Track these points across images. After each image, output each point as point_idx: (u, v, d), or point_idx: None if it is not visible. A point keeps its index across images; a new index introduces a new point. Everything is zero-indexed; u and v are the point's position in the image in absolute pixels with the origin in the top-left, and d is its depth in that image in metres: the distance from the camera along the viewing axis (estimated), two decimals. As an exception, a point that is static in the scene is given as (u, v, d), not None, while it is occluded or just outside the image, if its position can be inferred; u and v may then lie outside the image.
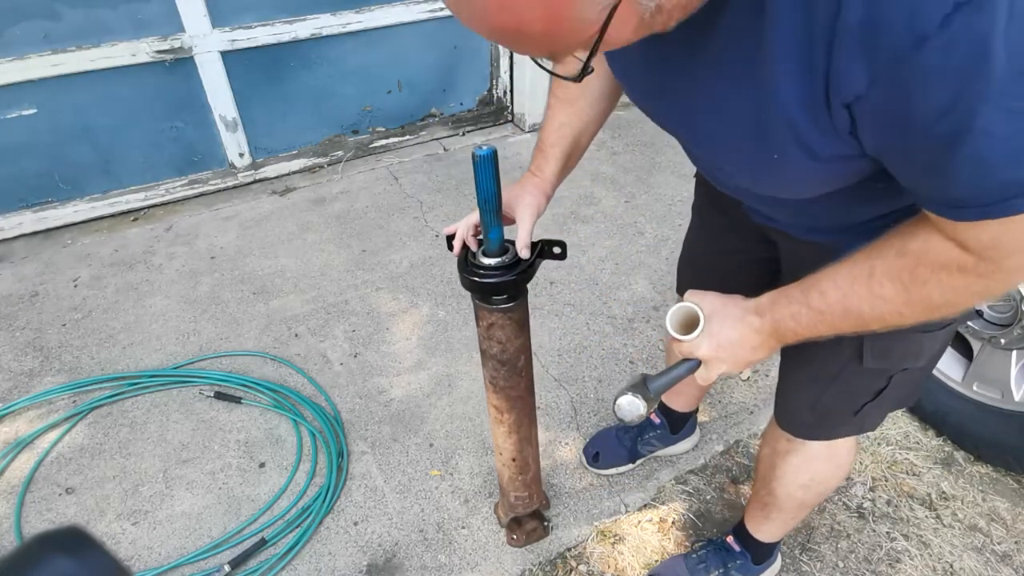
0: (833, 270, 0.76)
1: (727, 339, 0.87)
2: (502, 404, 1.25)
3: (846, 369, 0.99)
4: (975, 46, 0.48)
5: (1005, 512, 1.59)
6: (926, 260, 0.67)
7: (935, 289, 0.68)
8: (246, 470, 1.73)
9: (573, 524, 1.58)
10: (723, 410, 1.86)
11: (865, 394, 1.02)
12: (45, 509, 1.65)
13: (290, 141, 3.06)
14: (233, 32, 2.66)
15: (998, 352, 1.57)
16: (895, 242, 0.70)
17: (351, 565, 1.51)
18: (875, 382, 1.00)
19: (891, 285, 0.71)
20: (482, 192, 0.97)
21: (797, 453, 1.16)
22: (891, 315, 0.73)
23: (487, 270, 1.05)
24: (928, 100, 0.52)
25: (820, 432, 1.12)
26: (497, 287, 1.05)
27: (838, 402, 1.05)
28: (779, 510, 1.29)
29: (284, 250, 2.57)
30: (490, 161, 0.94)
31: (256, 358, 2.07)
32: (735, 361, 0.89)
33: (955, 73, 0.50)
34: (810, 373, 1.05)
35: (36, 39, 2.38)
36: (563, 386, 1.95)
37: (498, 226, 1.03)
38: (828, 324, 0.78)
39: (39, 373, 2.03)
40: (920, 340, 0.92)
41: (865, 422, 1.08)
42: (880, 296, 0.72)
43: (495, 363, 1.17)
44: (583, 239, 2.56)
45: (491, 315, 1.09)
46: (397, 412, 1.88)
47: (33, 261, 2.55)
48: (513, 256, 1.05)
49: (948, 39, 0.48)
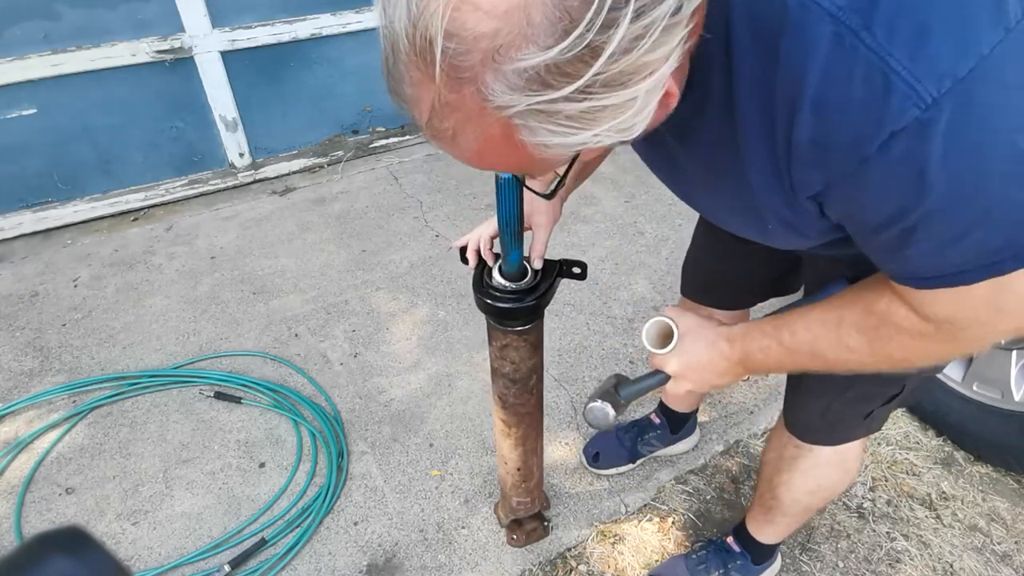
0: (806, 312, 0.80)
1: (696, 360, 0.91)
2: (510, 419, 1.23)
3: (862, 376, 0.97)
4: (912, 169, 0.52)
5: (1005, 512, 1.59)
6: (889, 322, 0.71)
7: (897, 348, 0.72)
8: (246, 470, 1.73)
9: (573, 524, 1.58)
10: (723, 410, 1.86)
11: (878, 399, 1.01)
12: (45, 509, 1.65)
13: (290, 141, 3.06)
14: (233, 32, 2.66)
15: (998, 352, 1.57)
16: (865, 297, 0.73)
17: (351, 565, 1.51)
18: (890, 388, 0.99)
19: (857, 337, 0.74)
20: (504, 214, 0.92)
21: (806, 459, 1.15)
22: (855, 363, 0.77)
23: (505, 292, 1.00)
24: (877, 208, 0.57)
25: (832, 438, 1.11)
26: (515, 311, 1.00)
27: (850, 408, 1.04)
28: (783, 514, 1.28)
29: (284, 250, 2.57)
30: (514, 183, 0.89)
31: (256, 358, 2.07)
32: (700, 382, 0.93)
33: (897, 191, 0.54)
34: (823, 379, 1.03)
35: (36, 39, 2.38)
36: (563, 386, 1.95)
37: (518, 248, 0.98)
38: (794, 361, 0.83)
39: (39, 373, 2.03)
40: None
41: (873, 424, 1.07)
42: (846, 345, 0.76)
43: (506, 381, 1.14)
44: (583, 239, 2.56)
45: (506, 336, 1.05)
46: (397, 412, 1.88)
47: (33, 261, 2.55)
48: (532, 279, 1.01)
49: (886, 161, 0.52)
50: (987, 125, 0.51)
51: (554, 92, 0.45)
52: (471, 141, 0.51)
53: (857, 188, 0.56)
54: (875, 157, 0.52)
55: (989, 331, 0.66)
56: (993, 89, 0.49)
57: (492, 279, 1.03)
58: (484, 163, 0.55)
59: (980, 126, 0.50)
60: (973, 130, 0.50)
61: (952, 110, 0.49)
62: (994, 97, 0.50)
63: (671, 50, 0.47)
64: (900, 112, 0.50)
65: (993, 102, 0.50)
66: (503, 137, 0.50)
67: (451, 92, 0.46)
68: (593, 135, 0.49)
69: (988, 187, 0.53)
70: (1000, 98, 0.50)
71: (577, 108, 0.47)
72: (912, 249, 0.59)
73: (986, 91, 0.49)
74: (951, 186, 0.53)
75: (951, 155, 0.51)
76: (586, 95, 0.46)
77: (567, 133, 0.48)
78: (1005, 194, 0.53)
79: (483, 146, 0.51)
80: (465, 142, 0.51)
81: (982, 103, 0.50)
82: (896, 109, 0.50)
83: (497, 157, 0.53)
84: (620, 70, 0.45)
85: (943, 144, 0.50)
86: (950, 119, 0.49)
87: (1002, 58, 0.48)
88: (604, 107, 0.47)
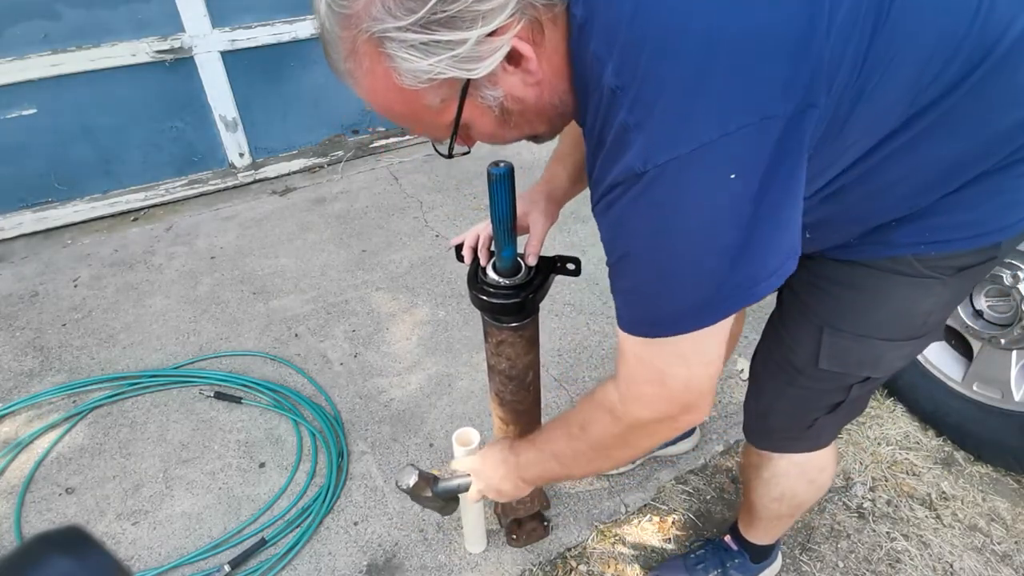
0: (563, 416, 0.92)
1: (484, 466, 1.09)
2: (508, 417, 1.23)
3: (803, 372, 0.96)
4: (618, 215, 0.66)
5: (1005, 512, 1.59)
6: (595, 399, 0.84)
7: (597, 430, 0.84)
8: (246, 470, 1.73)
9: (573, 524, 1.58)
10: (723, 410, 1.86)
11: (821, 406, 1.00)
12: (45, 509, 1.65)
13: (290, 141, 3.06)
14: (233, 32, 2.66)
15: (998, 352, 1.57)
16: (597, 389, 0.85)
17: (351, 565, 1.51)
18: (833, 393, 0.98)
19: (578, 431, 0.87)
20: (497, 211, 0.93)
21: (765, 467, 1.16)
22: (583, 460, 0.91)
23: (498, 288, 1.01)
24: (602, 235, 0.71)
25: (772, 444, 1.11)
26: (508, 307, 1.01)
27: (792, 413, 1.03)
28: (759, 518, 1.30)
29: (284, 250, 2.57)
30: (506, 180, 0.90)
31: (256, 358, 2.07)
32: (488, 486, 1.09)
33: (608, 227, 0.69)
34: (766, 378, 1.05)
35: (36, 39, 2.38)
36: (563, 386, 1.95)
37: (512, 244, 0.99)
38: (546, 468, 0.97)
39: (39, 373, 2.03)
40: (880, 349, 0.90)
41: (821, 439, 1.07)
42: (574, 437, 0.88)
43: (503, 378, 1.15)
44: (583, 239, 2.56)
45: (501, 333, 1.06)
46: (397, 412, 1.88)
47: (33, 261, 2.55)
48: (526, 275, 1.03)
49: (607, 202, 0.66)
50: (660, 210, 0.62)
51: (402, 21, 0.60)
52: (362, 76, 0.66)
53: (597, 215, 0.70)
54: (604, 197, 0.66)
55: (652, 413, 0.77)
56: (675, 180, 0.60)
57: (486, 275, 1.04)
58: (379, 103, 0.69)
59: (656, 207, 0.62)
60: (657, 205, 0.62)
61: (649, 185, 0.61)
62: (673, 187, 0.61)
63: (502, 6, 0.60)
64: (622, 171, 0.62)
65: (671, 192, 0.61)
66: (380, 69, 0.64)
67: (341, 29, 0.63)
68: (432, 63, 0.62)
69: (659, 254, 0.65)
70: (678, 189, 0.61)
71: (419, 39, 0.61)
72: (618, 287, 0.72)
73: (670, 180, 0.60)
74: (637, 239, 0.66)
75: (639, 216, 0.64)
76: (426, 29, 0.60)
77: (414, 60, 0.62)
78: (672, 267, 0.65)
79: (372, 83, 0.66)
80: (360, 78, 0.67)
81: (665, 187, 0.61)
82: (621, 168, 0.62)
83: (384, 94, 0.67)
84: (453, 13, 0.59)
85: (636, 206, 0.63)
86: (645, 190, 0.61)
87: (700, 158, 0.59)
88: (440, 41, 0.61)
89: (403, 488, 1.15)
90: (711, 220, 0.62)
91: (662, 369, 0.73)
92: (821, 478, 1.16)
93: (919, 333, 0.89)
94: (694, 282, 0.65)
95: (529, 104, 0.71)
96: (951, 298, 0.86)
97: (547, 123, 0.76)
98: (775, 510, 1.23)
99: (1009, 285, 1.50)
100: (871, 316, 0.87)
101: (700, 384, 0.74)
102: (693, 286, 0.65)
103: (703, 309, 0.67)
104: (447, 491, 1.17)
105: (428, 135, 0.75)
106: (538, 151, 3.12)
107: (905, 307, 0.86)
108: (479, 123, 0.72)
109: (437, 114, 0.69)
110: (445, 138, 0.73)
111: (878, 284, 0.84)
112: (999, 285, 1.53)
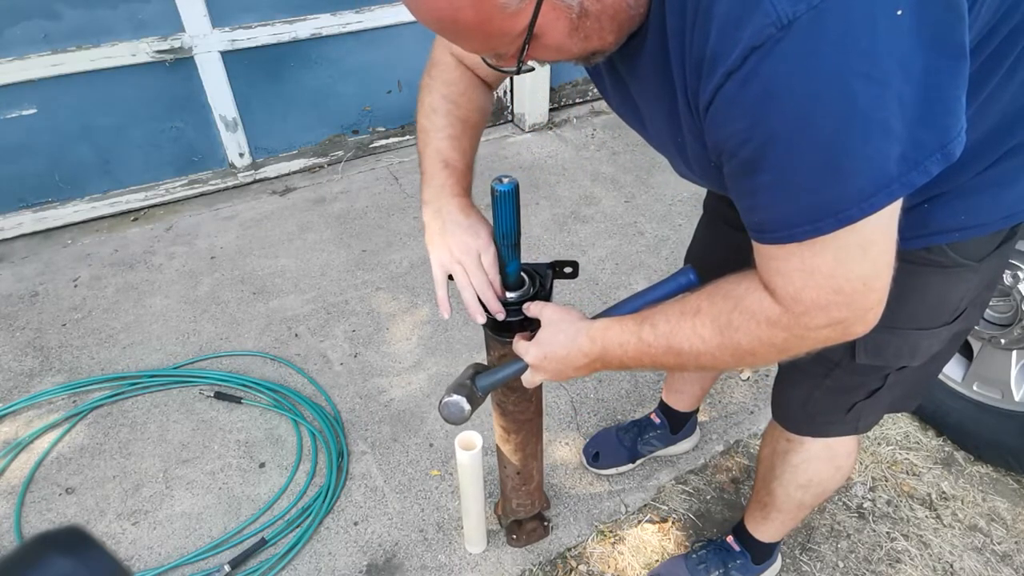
0: (668, 305, 0.81)
1: (554, 353, 0.92)
2: (510, 426, 1.23)
3: (840, 365, 0.98)
4: (764, 86, 0.55)
5: (1005, 512, 1.59)
6: (742, 306, 0.72)
7: (744, 337, 0.73)
8: (246, 470, 1.73)
9: (573, 524, 1.58)
10: (723, 410, 1.86)
11: (859, 392, 1.02)
12: (45, 509, 1.65)
13: (290, 141, 3.05)
14: (233, 32, 2.66)
15: (998, 352, 1.57)
16: (725, 286, 0.75)
17: (351, 565, 1.51)
18: (870, 380, 1.00)
19: (710, 326, 0.75)
20: (501, 227, 0.92)
21: (796, 452, 1.16)
22: (706, 356, 0.77)
23: (503, 303, 0.99)
24: (731, 125, 0.60)
25: (812, 429, 1.12)
26: (512, 325, 1.00)
27: (830, 399, 1.05)
28: (778, 510, 1.29)
29: (284, 250, 2.57)
30: (511, 196, 0.88)
31: (256, 358, 2.07)
32: (557, 374, 0.94)
33: (749, 106, 0.57)
34: (804, 369, 1.04)
35: (36, 39, 2.38)
36: (563, 386, 1.95)
37: (516, 258, 0.98)
38: (651, 357, 0.83)
39: (39, 373, 2.03)
40: (915, 338, 0.92)
41: (860, 422, 1.08)
42: (699, 335, 0.76)
43: (505, 389, 1.14)
44: (583, 239, 2.56)
45: (503, 347, 1.05)
46: (397, 412, 1.88)
47: (33, 261, 2.55)
48: (528, 291, 1.02)
49: (741, 77, 0.56)
50: (823, 62, 0.53)
51: None
52: None
53: (722, 104, 0.59)
54: (735, 72, 0.56)
55: (827, 320, 0.67)
56: (838, 23, 0.51)
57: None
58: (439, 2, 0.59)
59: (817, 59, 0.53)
60: (818, 56, 0.52)
61: (803, 35, 0.52)
62: (838, 32, 0.51)
63: None
64: (760, 29, 0.53)
65: (836, 37, 0.52)
66: None
67: None
68: None
69: (822, 122, 0.55)
70: (843, 34, 0.51)
71: None
72: (759, 185, 0.62)
73: (833, 23, 0.51)
74: (790, 110, 0.55)
75: (794, 78, 0.53)
76: None
77: None
78: (838, 137, 0.55)
79: None
80: None
81: (828, 34, 0.52)
82: (757, 26, 0.53)
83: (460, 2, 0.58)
84: None
85: (789, 66, 0.53)
86: (799, 43, 0.52)
87: None
88: None
89: (460, 422, 0.99)
90: (883, 70, 0.52)
91: (833, 273, 0.63)
92: (847, 464, 1.18)
93: (953, 318, 0.91)
94: (866, 154, 0.55)
95: (607, 3, 0.64)
96: (981, 281, 0.89)
97: (616, 32, 0.68)
98: (798, 499, 1.23)
99: (1009, 285, 1.51)
100: (905, 309, 0.87)
101: (884, 281, 0.65)
102: (865, 158, 0.55)
103: (879, 186, 0.56)
104: (495, 385, 1.02)
105: (488, 49, 0.67)
106: (538, 151, 3.12)
107: (939, 298, 0.88)
108: (550, 30, 0.64)
109: (510, 17, 0.61)
110: (509, 51, 0.65)
111: (912, 280, 0.84)
112: (999, 285, 1.53)
